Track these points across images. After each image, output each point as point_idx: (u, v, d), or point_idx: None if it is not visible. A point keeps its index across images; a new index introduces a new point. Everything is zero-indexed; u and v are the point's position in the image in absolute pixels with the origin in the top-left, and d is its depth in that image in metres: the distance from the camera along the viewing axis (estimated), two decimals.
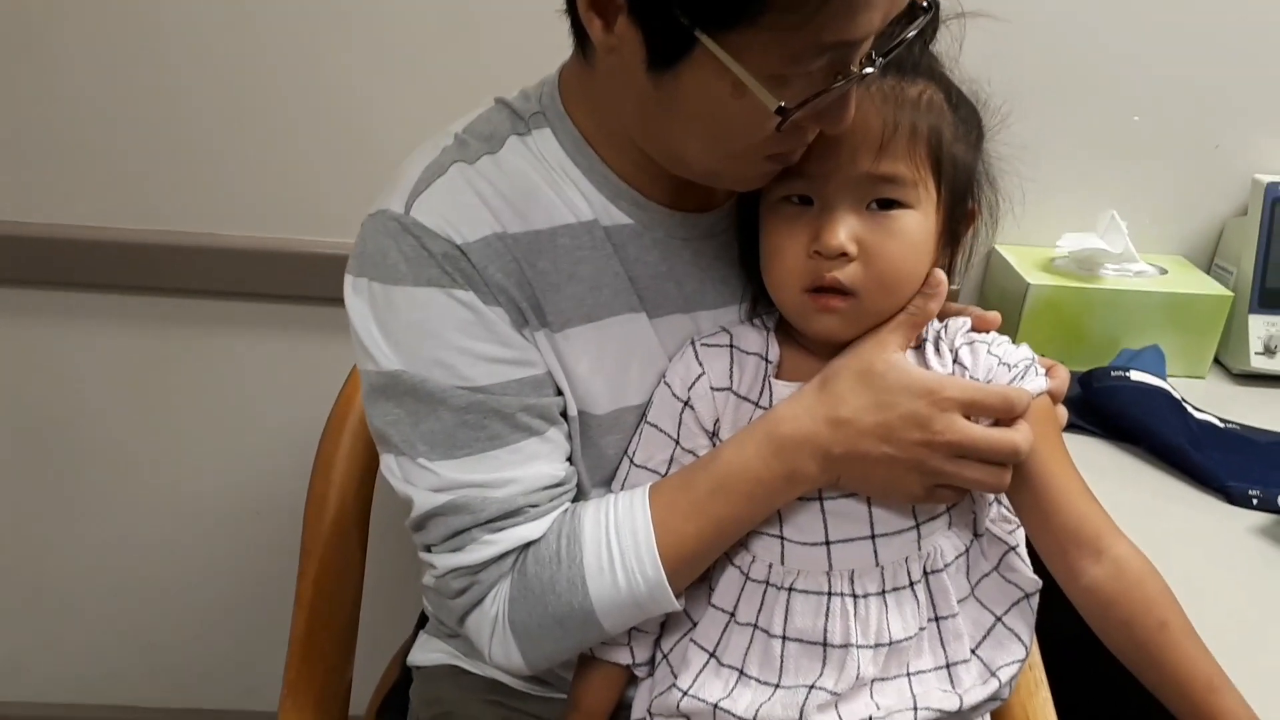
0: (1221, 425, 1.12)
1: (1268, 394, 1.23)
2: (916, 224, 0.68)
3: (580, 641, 0.74)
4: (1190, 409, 1.11)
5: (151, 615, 1.51)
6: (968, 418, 0.67)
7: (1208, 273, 1.30)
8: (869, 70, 0.61)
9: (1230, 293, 1.22)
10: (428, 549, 0.74)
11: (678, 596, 0.72)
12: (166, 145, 1.24)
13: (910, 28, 0.62)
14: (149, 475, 1.42)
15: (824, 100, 0.61)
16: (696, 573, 0.73)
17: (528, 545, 0.72)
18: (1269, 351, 1.22)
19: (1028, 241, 1.30)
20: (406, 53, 1.20)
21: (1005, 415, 0.67)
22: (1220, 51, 1.23)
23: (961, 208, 0.72)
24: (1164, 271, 1.26)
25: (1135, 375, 1.11)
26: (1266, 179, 1.23)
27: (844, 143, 0.66)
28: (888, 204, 0.68)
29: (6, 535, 1.45)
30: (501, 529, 0.71)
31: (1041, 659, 0.87)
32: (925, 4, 0.63)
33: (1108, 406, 1.10)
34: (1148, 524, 0.75)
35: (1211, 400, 1.16)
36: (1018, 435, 0.67)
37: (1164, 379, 1.13)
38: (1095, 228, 1.25)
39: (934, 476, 0.67)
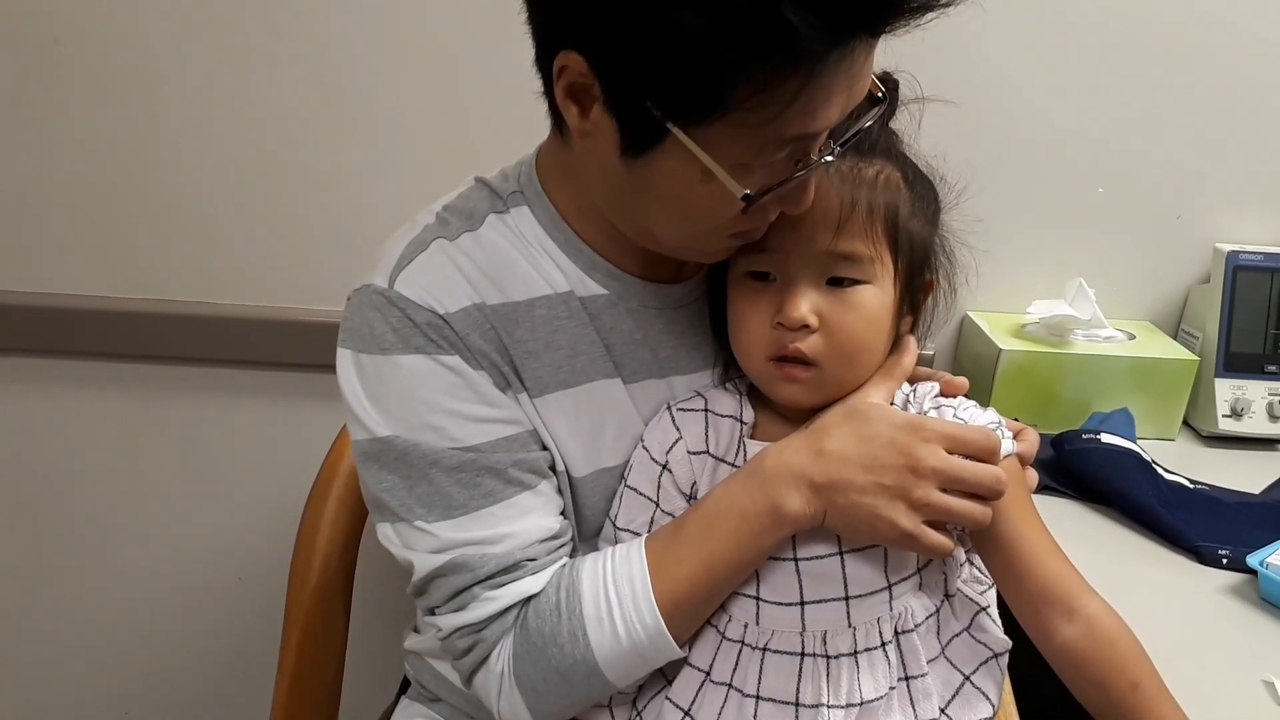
0: (1191, 486, 1.14)
1: (1236, 455, 1.25)
2: (874, 298, 0.71)
3: (587, 696, 0.73)
4: (1160, 470, 1.13)
5: (132, 681, 1.50)
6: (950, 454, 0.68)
7: (1174, 338, 1.33)
8: (828, 158, 0.65)
9: (1196, 357, 1.25)
10: (431, 612, 0.75)
11: (681, 644, 0.72)
12: (161, 217, 1.28)
13: (866, 117, 0.66)
14: (133, 540, 1.42)
15: (786, 187, 0.65)
16: (697, 619, 0.73)
17: (528, 600, 0.73)
18: (1236, 414, 1.25)
19: (999, 308, 1.34)
20: (395, 132, 1.25)
21: (986, 455, 0.68)
22: (1180, 126, 1.28)
23: (919, 279, 0.75)
24: (1132, 337, 1.29)
25: (1106, 438, 1.13)
26: (1227, 248, 1.27)
27: (804, 221, 0.69)
28: (846, 280, 0.71)
29: None
30: (501, 584, 0.72)
31: (1019, 717, 0.88)
32: (880, 94, 0.67)
33: (1079, 468, 1.12)
34: (1120, 584, 0.76)
35: (1181, 462, 1.18)
36: (999, 470, 0.68)
37: (1134, 441, 1.15)
38: (1064, 295, 1.28)
39: (920, 507, 0.67)
